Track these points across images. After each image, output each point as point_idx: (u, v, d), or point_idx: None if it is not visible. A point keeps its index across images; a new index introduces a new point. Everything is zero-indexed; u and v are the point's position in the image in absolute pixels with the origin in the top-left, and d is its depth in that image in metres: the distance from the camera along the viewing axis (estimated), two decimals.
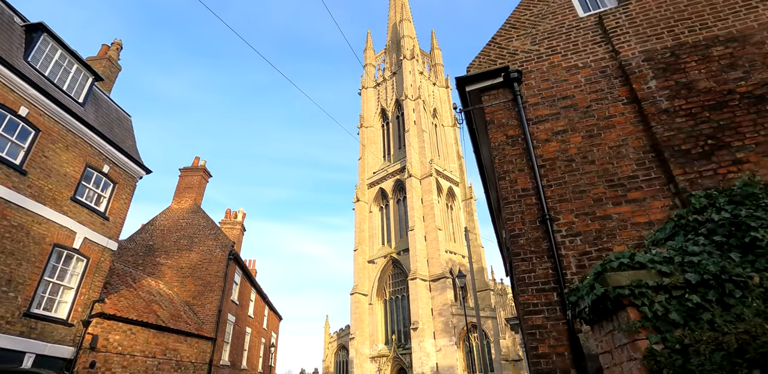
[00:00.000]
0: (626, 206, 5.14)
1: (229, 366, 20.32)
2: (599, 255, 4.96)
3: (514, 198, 5.68)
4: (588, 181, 5.44)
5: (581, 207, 5.31)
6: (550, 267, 5.09)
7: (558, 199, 5.45)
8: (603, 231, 5.08)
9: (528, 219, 5.49)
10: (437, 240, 52.03)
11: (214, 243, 19.79)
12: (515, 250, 5.34)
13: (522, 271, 5.18)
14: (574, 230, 5.20)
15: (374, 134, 68.88)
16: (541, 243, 5.26)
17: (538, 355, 4.68)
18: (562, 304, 4.81)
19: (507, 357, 41.46)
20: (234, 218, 30.23)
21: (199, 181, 21.86)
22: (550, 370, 4.57)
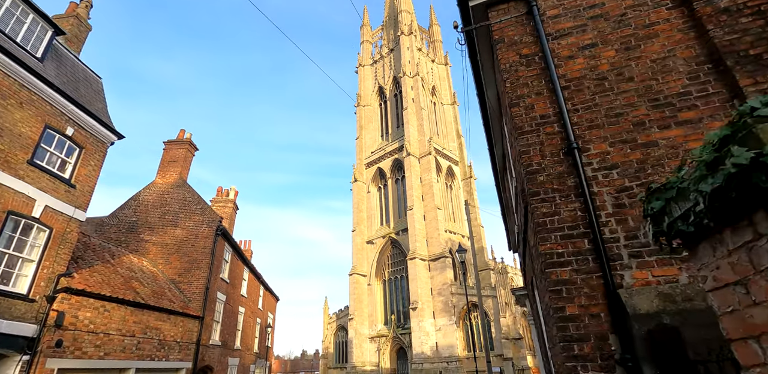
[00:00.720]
0: (677, 129, 4.00)
1: (219, 346, 19.51)
2: (643, 190, 3.83)
3: (531, 127, 4.54)
4: (625, 102, 4.28)
5: (617, 133, 4.17)
6: (579, 208, 3.97)
7: (587, 126, 4.31)
8: (647, 161, 3.95)
9: (549, 151, 4.35)
10: (436, 219, 51.12)
11: (201, 219, 18.72)
12: (533, 189, 4.21)
13: (542, 214, 4.07)
14: (609, 162, 4.07)
15: (372, 113, 67.27)
16: (567, 180, 4.14)
17: (565, 318, 3.60)
18: (596, 253, 3.71)
19: (507, 335, 41.00)
20: (226, 196, 29.19)
21: (184, 155, 20.66)
22: (581, 336, 3.50)
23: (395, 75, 66.51)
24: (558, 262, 3.83)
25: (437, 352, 44.35)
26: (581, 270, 3.73)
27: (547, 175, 4.23)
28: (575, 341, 3.50)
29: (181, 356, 15.25)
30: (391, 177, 59.96)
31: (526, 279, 8.06)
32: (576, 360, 3.45)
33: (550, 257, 3.87)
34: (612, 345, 3.40)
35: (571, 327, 3.55)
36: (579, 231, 3.88)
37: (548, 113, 4.54)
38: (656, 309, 3.27)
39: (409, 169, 54.72)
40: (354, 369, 50.04)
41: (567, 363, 3.46)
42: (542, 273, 4.09)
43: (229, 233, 20.17)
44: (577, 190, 4.04)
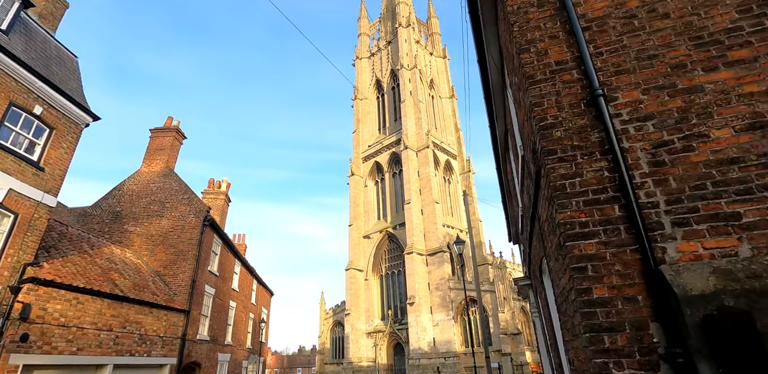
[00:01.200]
0: (726, 71, 3.23)
1: (208, 341, 18.78)
2: (687, 145, 3.07)
3: (544, 76, 3.76)
4: (660, 42, 3.51)
5: (651, 78, 3.40)
6: (606, 167, 3.21)
7: (613, 71, 3.53)
8: (690, 109, 3.18)
9: (567, 101, 3.57)
10: (434, 213, 50.41)
11: (188, 209, 17.92)
12: (548, 147, 3.44)
13: (561, 176, 3.31)
14: (642, 112, 3.30)
15: (369, 106, 66.38)
16: (590, 135, 3.37)
17: (592, 302, 2.85)
18: (630, 221, 2.95)
19: (506, 330, 40.44)
20: (218, 188, 28.41)
21: (171, 143, 19.82)
22: (613, 325, 2.75)
23: (393, 68, 65.57)
24: (581, 234, 3.07)
25: (435, 348, 43.76)
26: (611, 242, 2.97)
27: (565, 129, 3.46)
28: (606, 331, 2.75)
29: (164, 351, 14.50)
30: (388, 171, 59.18)
31: (531, 266, 7.33)
32: (607, 354, 2.69)
33: (571, 227, 3.11)
34: (654, 336, 2.65)
35: (600, 314, 2.79)
36: (607, 196, 3.11)
37: (565, 58, 3.76)
38: (714, 290, 2.52)
39: (407, 162, 53.94)
40: (350, 364, 49.47)
41: (595, 358, 2.70)
42: (560, 249, 3.32)
43: (217, 224, 19.40)
44: (603, 147, 3.27)
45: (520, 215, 7.59)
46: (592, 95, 3.42)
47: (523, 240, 8.29)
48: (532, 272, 7.39)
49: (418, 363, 42.73)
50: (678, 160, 3.05)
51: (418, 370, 42.04)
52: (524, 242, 8.02)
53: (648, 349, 2.63)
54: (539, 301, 7.19)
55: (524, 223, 7.22)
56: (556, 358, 5.45)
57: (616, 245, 2.95)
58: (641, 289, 2.78)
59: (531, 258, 6.81)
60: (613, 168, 3.16)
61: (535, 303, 8.69)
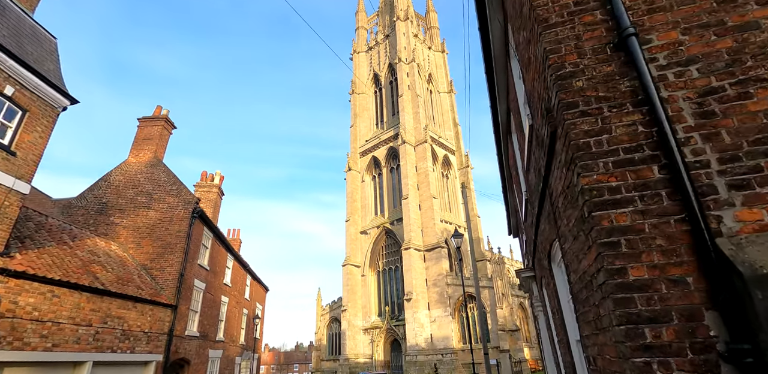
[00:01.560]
0: None
1: (198, 337, 18.18)
2: (742, 91, 2.46)
3: (561, 18, 3.14)
4: None
5: (693, 15, 2.78)
6: (640, 121, 2.60)
7: (646, 9, 2.91)
8: (744, 50, 2.57)
9: (589, 46, 2.95)
10: (432, 208, 49.82)
11: (176, 200, 17.28)
12: (568, 100, 2.83)
13: (584, 133, 2.69)
14: (684, 55, 2.69)
15: (366, 101, 65.63)
16: (619, 84, 2.75)
17: (627, 286, 2.24)
18: (674, 185, 2.35)
19: (504, 327, 39.98)
20: (210, 181, 27.79)
21: (160, 132, 19.14)
22: (656, 314, 2.15)
23: (391, 62, 64.80)
24: (611, 201, 2.46)
25: (432, 344, 43.29)
26: (650, 211, 2.36)
27: (588, 78, 2.84)
28: (647, 322, 2.14)
29: (149, 348, 13.90)
30: (386, 166, 58.54)
31: (536, 255, 6.74)
32: (649, 352, 2.09)
33: (599, 194, 2.50)
34: (710, 329, 2.04)
35: (639, 301, 2.19)
36: (643, 155, 2.51)
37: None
38: None
39: (405, 157, 53.29)
40: (347, 361, 49.00)
41: (634, 357, 2.10)
42: (582, 223, 2.71)
43: (207, 217, 18.76)
44: (636, 97, 2.66)
45: (523, 200, 7.00)
46: (620, 36, 2.80)
47: (526, 227, 7.69)
48: (537, 261, 6.79)
49: (415, 359, 42.25)
50: (731, 110, 2.44)
51: (415, 367, 41.57)
52: (528, 230, 7.42)
53: (703, 345, 2.03)
54: (545, 293, 6.61)
55: (528, 209, 6.62)
56: (567, 356, 4.86)
57: (656, 214, 2.34)
58: (691, 269, 2.17)
59: (537, 245, 6.21)
60: (650, 121, 2.55)
61: (539, 297, 8.10)
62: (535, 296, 8.20)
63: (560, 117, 2.87)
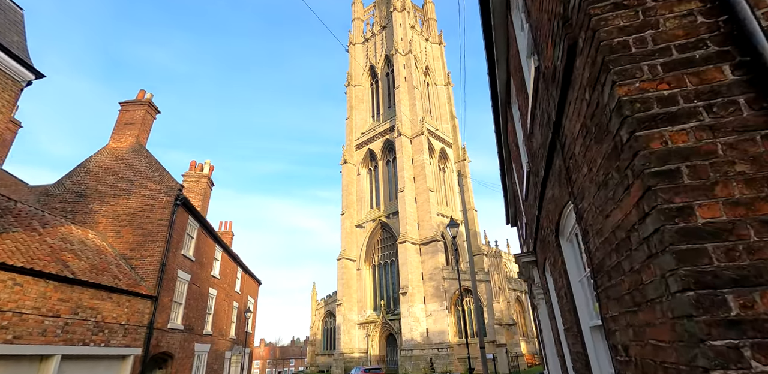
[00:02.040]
0: None
1: (182, 331, 17.44)
2: None
3: None
4: None
5: None
6: (701, 10, 1.84)
7: None
8: None
9: None
10: (428, 202, 49.10)
11: (158, 187, 16.47)
12: None
13: (618, 31, 1.91)
14: None
15: (362, 93, 64.69)
16: None
17: (696, 232, 1.49)
18: (757, 88, 1.59)
19: (501, 321, 39.43)
20: (200, 171, 26.99)
21: (142, 117, 18.27)
22: (743, 273, 1.39)
23: (387, 53, 63.80)
24: (663, 116, 1.70)
25: (427, 338, 42.73)
26: (723, 126, 1.61)
27: None
28: (728, 286, 1.39)
29: (127, 341, 13.16)
30: (381, 158, 57.73)
31: (539, 234, 6.00)
32: (737, 330, 1.34)
33: (644, 107, 1.74)
34: None
35: (715, 254, 1.44)
36: (706, 52, 1.74)
37: None
38: None
39: (401, 149, 52.48)
40: (342, 355, 48.43)
41: (711, 339, 1.35)
42: (618, 155, 1.94)
43: (193, 206, 17.96)
44: None
45: (524, 176, 6.24)
46: None
47: (527, 208, 6.95)
48: (540, 243, 6.05)
49: (410, 354, 41.69)
50: None
51: (410, 361, 41.01)
52: (529, 210, 6.67)
53: None
54: (548, 278, 5.88)
55: (531, 183, 5.87)
56: (577, 346, 4.12)
57: (733, 129, 1.59)
58: None
59: (540, 222, 5.46)
60: (715, 9, 1.79)
61: (540, 283, 7.39)
62: (536, 283, 7.48)
63: (583, 17, 2.10)
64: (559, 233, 4.20)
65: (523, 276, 9.19)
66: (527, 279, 9.28)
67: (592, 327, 3.73)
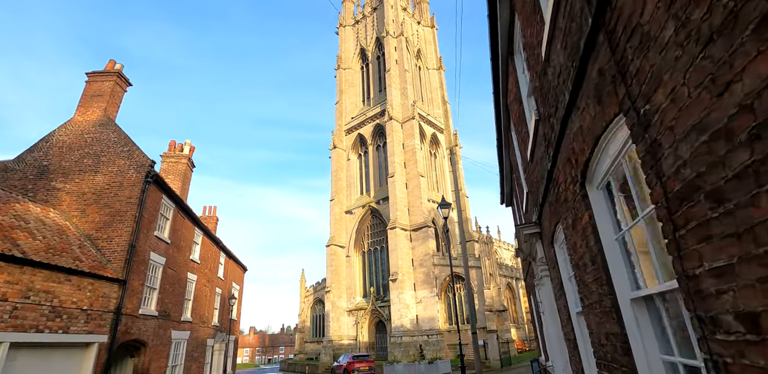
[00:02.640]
0: None
1: (156, 317, 16.42)
2: None
3: None
4: None
5: None
6: None
7: None
8: None
9: None
10: (419, 187, 48.15)
11: (127, 163, 15.26)
12: None
13: None
14: None
15: (352, 76, 63.10)
16: None
17: None
18: None
19: (491, 307, 38.94)
20: (179, 151, 25.74)
21: (111, 88, 16.93)
22: None
23: (378, 35, 62.07)
24: None
25: (417, 325, 42.20)
26: None
27: None
28: None
29: (90, 327, 12.10)
30: (372, 143, 56.51)
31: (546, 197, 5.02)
32: None
33: None
34: None
35: None
36: None
37: None
38: None
39: (391, 134, 51.27)
40: (330, 342, 47.84)
41: None
42: None
43: (167, 184, 16.78)
44: None
45: (533, 126, 5.23)
46: None
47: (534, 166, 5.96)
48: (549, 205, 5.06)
49: (400, 340, 41.12)
50: None
51: (400, 348, 40.46)
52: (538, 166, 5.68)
53: None
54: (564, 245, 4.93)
55: (543, 131, 4.86)
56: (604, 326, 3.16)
57: None
58: None
59: (554, 177, 4.47)
60: None
61: (545, 258, 6.44)
62: (539, 259, 6.53)
63: None
64: (587, 180, 3.20)
65: (523, 254, 8.24)
66: (527, 257, 8.34)
67: (633, 300, 2.76)
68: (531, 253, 7.88)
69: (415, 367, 29.53)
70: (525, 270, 12.55)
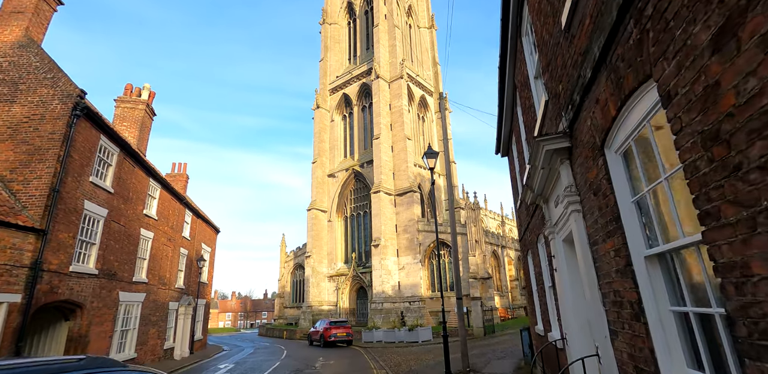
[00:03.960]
0: None
1: (97, 276, 14.28)
2: None
3: None
4: None
5: None
6: None
7: None
8: None
9: None
10: (405, 150, 45.83)
11: (51, 93, 12.65)
12: None
13: None
14: None
15: (339, 32, 59.19)
16: None
17: None
18: None
19: (476, 274, 37.65)
20: (137, 96, 22.92)
21: (35, 4, 14.00)
22: None
23: None
24: None
25: (399, 292, 40.97)
26: None
27: None
28: None
29: None
30: (357, 104, 53.55)
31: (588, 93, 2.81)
32: None
33: None
34: None
35: None
36: None
37: None
38: None
39: (378, 93, 48.32)
40: (310, 308, 46.66)
41: None
42: None
43: (106, 122, 14.20)
44: None
45: None
46: None
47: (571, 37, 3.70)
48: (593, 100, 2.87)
49: (380, 307, 39.95)
50: None
51: (380, 314, 39.32)
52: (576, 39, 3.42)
53: None
54: (621, 153, 2.75)
55: None
56: None
57: None
58: None
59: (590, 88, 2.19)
60: None
61: (576, 184, 4.30)
62: (566, 188, 4.40)
63: None
64: None
65: (532, 193, 6.09)
66: (536, 198, 6.20)
67: None
68: (544, 191, 5.75)
69: (395, 334, 28.22)
70: (524, 224, 10.53)
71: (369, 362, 17.79)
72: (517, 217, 12.72)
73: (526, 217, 9.96)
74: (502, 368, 13.15)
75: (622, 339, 3.51)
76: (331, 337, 27.43)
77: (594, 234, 4.02)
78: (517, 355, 15.66)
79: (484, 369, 13.01)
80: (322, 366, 17.21)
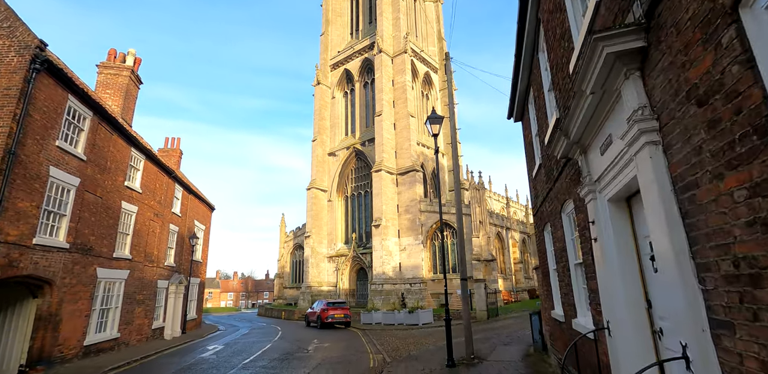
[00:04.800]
0: None
1: (68, 250, 13.06)
2: None
3: None
4: None
5: None
6: None
7: None
8: None
9: None
10: (408, 128, 44.18)
11: (6, 44, 11.17)
12: None
13: None
14: None
15: (340, 5, 56.80)
16: None
17: None
18: None
19: (479, 256, 36.55)
20: (121, 62, 21.39)
21: None
22: None
23: None
24: None
25: (400, 273, 39.97)
26: None
27: None
28: None
29: None
30: (359, 80, 51.64)
31: None
32: None
33: None
34: None
35: None
36: None
37: None
38: None
39: (380, 69, 46.37)
40: (309, 288, 45.87)
41: None
42: None
43: (72, 78, 12.73)
44: None
45: None
46: None
47: None
48: None
49: (380, 288, 39.02)
50: None
51: (380, 296, 38.42)
52: None
53: None
54: None
55: None
56: None
57: None
58: None
59: None
60: None
61: (650, 104, 2.90)
62: (636, 109, 3.00)
63: None
64: None
65: (566, 142, 4.68)
66: (570, 148, 4.80)
67: None
68: (583, 137, 4.31)
69: (394, 316, 27.22)
70: (542, 193, 9.13)
71: (365, 345, 16.71)
72: (533, 188, 11.33)
73: (545, 184, 8.57)
74: (510, 355, 11.97)
75: (741, 336, 2.16)
76: (328, 318, 26.48)
77: (687, 174, 2.63)
78: (525, 341, 14.52)
79: (489, 356, 11.84)
80: (315, 349, 16.14)
